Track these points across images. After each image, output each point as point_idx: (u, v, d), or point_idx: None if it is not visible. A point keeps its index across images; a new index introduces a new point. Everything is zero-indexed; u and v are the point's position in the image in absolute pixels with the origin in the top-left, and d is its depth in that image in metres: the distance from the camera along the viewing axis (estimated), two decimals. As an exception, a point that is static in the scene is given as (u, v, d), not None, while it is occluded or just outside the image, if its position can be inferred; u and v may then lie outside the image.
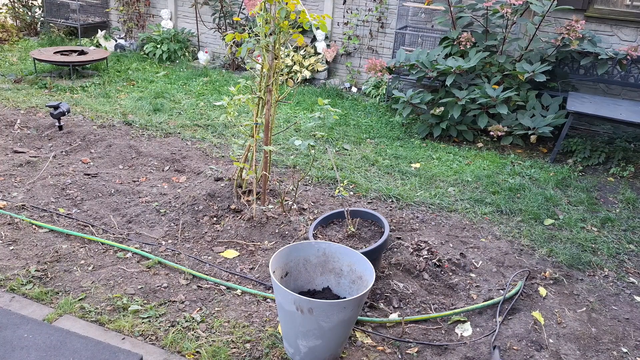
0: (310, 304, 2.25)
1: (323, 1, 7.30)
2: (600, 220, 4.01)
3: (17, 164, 4.28)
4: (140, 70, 7.33)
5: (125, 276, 3.02)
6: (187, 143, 5.01)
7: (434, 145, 5.32)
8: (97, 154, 4.64)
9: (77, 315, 2.67)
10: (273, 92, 3.52)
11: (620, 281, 3.32)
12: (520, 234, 3.76)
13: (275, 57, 3.41)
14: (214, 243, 3.41)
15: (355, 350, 2.60)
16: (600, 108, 5.05)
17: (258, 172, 3.67)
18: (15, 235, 3.34)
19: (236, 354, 2.50)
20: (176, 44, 7.88)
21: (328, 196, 4.13)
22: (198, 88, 6.69)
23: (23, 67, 7.01)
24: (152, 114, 5.66)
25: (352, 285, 2.65)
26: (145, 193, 3.97)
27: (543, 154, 5.35)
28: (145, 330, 2.60)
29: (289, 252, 2.62)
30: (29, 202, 3.73)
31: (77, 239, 3.36)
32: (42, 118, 5.32)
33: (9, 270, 2.98)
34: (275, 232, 3.50)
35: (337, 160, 4.83)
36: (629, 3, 5.90)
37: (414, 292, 3.01)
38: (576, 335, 2.80)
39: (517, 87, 5.43)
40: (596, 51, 5.33)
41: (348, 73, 7.34)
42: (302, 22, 3.32)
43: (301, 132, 5.46)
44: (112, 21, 8.76)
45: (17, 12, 8.82)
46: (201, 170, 4.39)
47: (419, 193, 4.28)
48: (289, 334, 2.42)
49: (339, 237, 3.08)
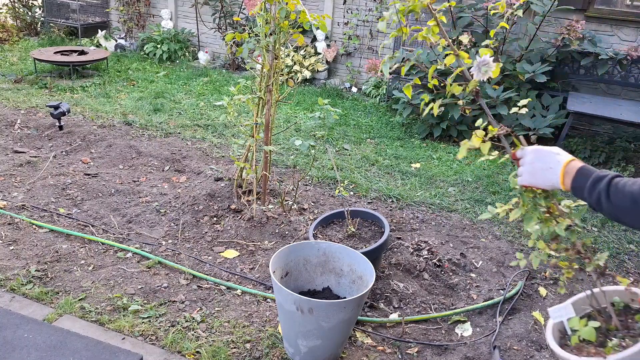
0: (311, 304, 2.25)
1: (323, 1, 7.30)
2: (601, 220, 4.01)
3: (17, 164, 4.28)
4: (141, 70, 7.33)
5: (125, 276, 3.02)
6: (187, 143, 5.01)
7: (434, 145, 5.32)
8: (97, 154, 4.64)
9: (77, 315, 2.67)
10: (273, 92, 3.52)
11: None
12: (521, 234, 3.76)
13: (275, 57, 3.41)
14: (214, 243, 3.41)
15: (355, 350, 2.60)
16: (600, 108, 5.05)
17: (258, 172, 3.67)
18: (16, 235, 3.34)
19: (236, 354, 2.50)
20: (176, 44, 7.88)
21: (328, 196, 4.13)
22: (198, 88, 6.69)
23: (23, 67, 7.01)
24: (152, 114, 5.66)
25: (352, 285, 2.65)
26: (146, 193, 3.97)
27: (543, 154, 5.34)
28: (146, 330, 2.60)
29: (289, 252, 2.62)
30: (29, 202, 3.73)
31: (77, 239, 3.36)
32: (43, 118, 5.32)
33: (9, 270, 2.98)
34: (275, 232, 3.50)
35: (337, 160, 4.83)
36: (629, 3, 5.90)
37: (414, 292, 3.01)
38: (576, 336, 2.80)
39: (518, 87, 5.43)
40: (596, 51, 5.33)
41: (348, 73, 7.34)
42: (302, 22, 3.32)
43: (301, 132, 5.46)
44: (113, 21, 8.76)
45: (17, 12, 8.82)
46: (201, 170, 4.39)
47: (419, 193, 4.28)
48: (289, 334, 2.42)
49: (339, 237, 3.08)
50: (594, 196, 1.34)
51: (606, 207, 1.32)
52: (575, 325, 1.53)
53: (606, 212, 1.33)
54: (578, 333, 1.51)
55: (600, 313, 1.58)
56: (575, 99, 5.27)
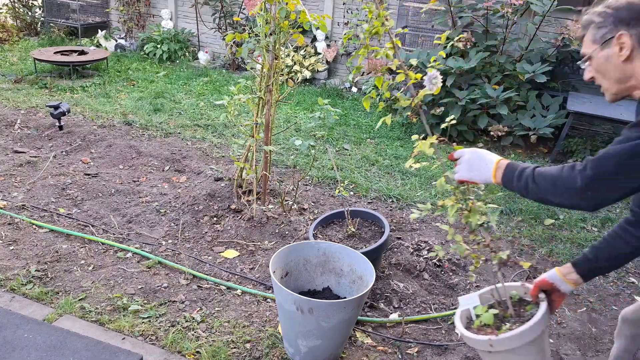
0: (311, 304, 2.25)
1: (323, 1, 7.30)
2: (601, 220, 4.01)
3: (18, 164, 4.28)
4: (141, 70, 7.33)
5: (125, 276, 3.02)
6: (187, 143, 5.01)
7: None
8: (97, 154, 4.64)
9: (77, 315, 2.67)
10: (273, 92, 3.52)
11: (620, 281, 3.31)
12: (521, 234, 3.76)
13: (275, 57, 3.41)
14: (214, 243, 3.41)
15: (355, 350, 2.60)
16: (600, 108, 5.05)
17: (258, 172, 3.67)
18: (16, 235, 3.34)
19: (236, 354, 2.50)
20: (176, 44, 7.88)
21: (328, 196, 4.13)
22: (198, 88, 6.69)
23: (23, 67, 7.01)
24: (152, 114, 5.66)
25: (352, 285, 2.65)
26: (146, 193, 3.97)
27: (543, 154, 5.35)
28: (146, 330, 2.60)
29: (289, 252, 2.62)
30: (29, 202, 3.73)
31: (77, 239, 3.36)
32: (43, 118, 5.32)
33: (9, 270, 2.98)
34: (275, 232, 3.50)
35: (337, 160, 4.83)
36: (629, 3, 5.89)
37: (414, 292, 3.01)
38: (576, 335, 2.80)
39: (518, 87, 5.43)
40: (596, 51, 5.32)
41: (348, 73, 7.34)
42: (302, 22, 3.32)
43: (301, 132, 5.46)
44: (113, 21, 8.76)
45: (17, 12, 8.82)
46: (201, 170, 4.39)
47: (419, 193, 4.28)
48: (289, 334, 2.42)
49: (339, 237, 3.08)
50: (522, 182, 1.60)
51: (532, 190, 1.59)
52: (479, 312, 1.84)
53: (532, 194, 1.60)
54: (480, 318, 1.82)
55: (499, 304, 1.89)
56: (575, 99, 5.27)
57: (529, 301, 1.88)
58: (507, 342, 1.70)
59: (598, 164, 1.47)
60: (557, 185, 1.54)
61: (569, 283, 1.80)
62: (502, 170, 1.67)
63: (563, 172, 1.53)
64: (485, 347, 1.74)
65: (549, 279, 1.81)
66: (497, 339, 1.71)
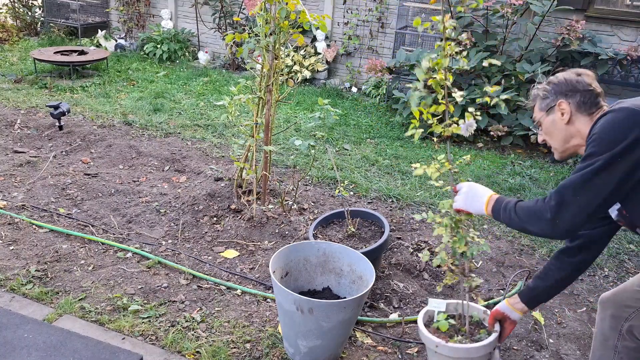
0: (311, 304, 2.25)
1: (323, 1, 7.30)
2: (601, 220, 4.01)
3: (17, 164, 4.28)
4: (141, 70, 7.33)
5: (125, 276, 3.02)
6: (187, 143, 5.02)
7: (434, 145, 5.31)
8: (97, 154, 4.64)
9: (77, 315, 2.67)
10: (273, 92, 3.52)
11: (620, 281, 3.31)
12: (521, 234, 3.76)
13: (275, 57, 3.41)
14: (214, 243, 3.41)
15: (355, 350, 2.60)
16: (600, 108, 5.04)
17: (258, 172, 3.67)
18: (16, 235, 3.34)
19: (236, 354, 2.50)
20: (176, 44, 7.89)
21: (328, 196, 4.13)
22: (198, 88, 6.69)
23: (23, 67, 7.01)
24: (152, 114, 5.66)
25: (352, 285, 2.65)
26: (146, 193, 3.97)
27: (543, 154, 5.35)
28: (146, 330, 2.60)
29: (289, 252, 2.62)
30: (29, 202, 3.73)
31: (77, 239, 3.36)
32: (42, 118, 5.32)
33: (9, 270, 2.99)
34: (275, 232, 3.50)
35: (337, 160, 4.83)
36: (629, 3, 5.90)
37: (414, 292, 3.01)
38: (576, 335, 2.80)
39: (518, 87, 5.43)
40: (596, 51, 5.33)
41: (348, 73, 7.34)
42: (302, 22, 3.32)
43: (301, 132, 5.46)
44: (112, 21, 8.76)
45: (17, 12, 8.82)
46: (201, 170, 4.39)
47: (419, 193, 4.28)
48: (289, 334, 2.42)
49: (339, 237, 3.08)
50: (507, 214, 1.85)
51: (514, 220, 1.83)
52: (441, 318, 2.19)
53: (514, 224, 1.84)
54: (438, 323, 2.17)
55: (460, 318, 2.20)
56: (575, 99, 5.26)
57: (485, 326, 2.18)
58: (451, 351, 2.02)
59: (559, 194, 1.70)
60: (532, 217, 1.77)
61: (516, 311, 2.10)
62: (492, 204, 1.93)
63: (537, 204, 1.76)
64: (432, 346, 2.07)
65: (500, 309, 2.13)
66: (444, 344, 2.03)
